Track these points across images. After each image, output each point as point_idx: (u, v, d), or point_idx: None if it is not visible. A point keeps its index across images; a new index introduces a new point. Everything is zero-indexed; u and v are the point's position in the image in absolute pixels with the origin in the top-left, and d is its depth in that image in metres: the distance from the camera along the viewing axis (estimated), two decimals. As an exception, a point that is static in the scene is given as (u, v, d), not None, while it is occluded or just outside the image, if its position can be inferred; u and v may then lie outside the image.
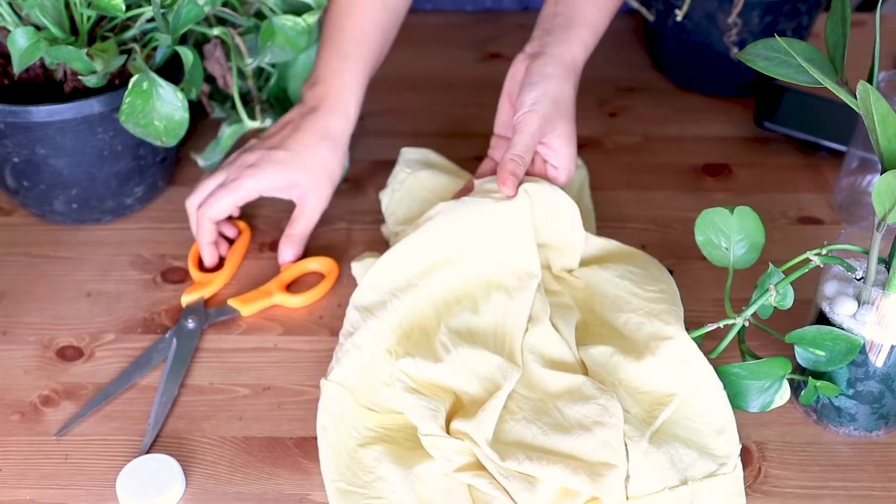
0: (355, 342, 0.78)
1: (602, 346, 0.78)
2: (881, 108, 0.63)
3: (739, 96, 1.15)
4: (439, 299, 0.81)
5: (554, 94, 0.85)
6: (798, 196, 1.00)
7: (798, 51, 0.70)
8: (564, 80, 0.87)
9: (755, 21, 1.07)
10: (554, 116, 0.85)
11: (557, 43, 0.88)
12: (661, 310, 0.78)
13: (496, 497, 0.69)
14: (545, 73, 0.86)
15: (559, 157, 0.86)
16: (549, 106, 0.85)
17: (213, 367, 0.82)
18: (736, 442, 0.73)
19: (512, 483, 0.68)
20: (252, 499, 0.71)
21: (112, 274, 0.91)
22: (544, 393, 0.76)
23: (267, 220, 0.97)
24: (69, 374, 0.81)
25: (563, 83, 0.86)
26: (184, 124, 0.84)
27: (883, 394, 0.73)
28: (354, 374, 0.77)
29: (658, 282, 0.82)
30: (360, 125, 1.09)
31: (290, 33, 0.88)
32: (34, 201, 0.93)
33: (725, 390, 0.74)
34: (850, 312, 0.71)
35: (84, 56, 0.80)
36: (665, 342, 0.75)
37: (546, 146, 0.86)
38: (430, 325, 0.80)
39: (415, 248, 0.82)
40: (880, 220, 0.66)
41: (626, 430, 0.71)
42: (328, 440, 0.73)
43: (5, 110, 0.84)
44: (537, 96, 0.85)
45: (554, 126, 0.85)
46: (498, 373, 0.75)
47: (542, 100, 0.84)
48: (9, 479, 0.73)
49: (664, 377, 0.75)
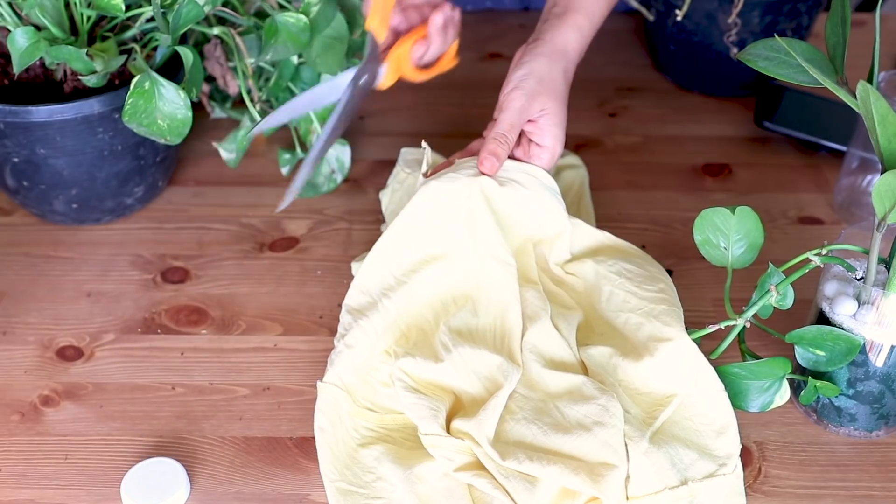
0: (347, 342, 0.78)
1: (602, 346, 0.78)
2: (881, 108, 0.63)
3: (739, 96, 1.15)
4: (435, 299, 0.81)
5: (540, 73, 0.85)
6: (798, 196, 1.00)
7: (798, 51, 0.70)
8: (553, 61, 0.86)
9: (755, 21, 1.07)
10: (540, 94, 0.84)
11: (551, 29, 0.88)
12: (661, 310, 0.78)
13: (496, 497, 0.69)
14: (534, 54, 0.86)
15: (544, 136, 0.85)
16: (535, 84, 0.84)
17: (213, 367, 0.82)
18: (736, 443, 0.73)
19: (512, 483, 0.68)
20: (252, 499, 0.71)
21: (112, 274, 0.91)
22: (545, 393, 0.76)
23: (267, 220, 0.97)
24: (69, 374, 0.81)
25: (551, 64, 0.86)
26: (188, 122, 0.84)
27: (883, 394, 0.73)
28: (350, 375, 0.77)
29: (656, 281, 0.82)
30: (359, 125, 1.10)
31: (293, 29, 0.89)
32: (34, 201, 0.93)
33: (726, 390, 0.74)
34: (850, 312, 0.71)
35: (84, 56, 0.80)
36: (665, 343, 0.75)
37: (533, 124, 0.85)
38: (429, 326, 0.80)
39: (398, 244, 0.82)
40: (880, 220, 0.66)
41: (626, 431, 0.71)
42: (326, 441, 0.73)
43: (5, 110, 0.84)
44: (523, 74, 0.84)
45: (541, 104, 0.84)
46: (499, 372, 0.75)
47: (527, 78, 0.84)
48: (9, 479, 0.73)
49: (664, 378, 0.75)
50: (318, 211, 0.98)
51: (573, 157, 1.02)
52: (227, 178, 1.02)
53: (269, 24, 0.88)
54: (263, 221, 0.97)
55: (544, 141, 0.85)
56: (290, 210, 0.97)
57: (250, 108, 0.96)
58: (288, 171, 1.02)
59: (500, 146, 0.82)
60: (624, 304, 0.80)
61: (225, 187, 1.01)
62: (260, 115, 0.99)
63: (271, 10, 0.91)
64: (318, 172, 1.01)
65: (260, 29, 0.94)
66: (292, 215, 0.98)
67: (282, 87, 0.99)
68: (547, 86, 0.85)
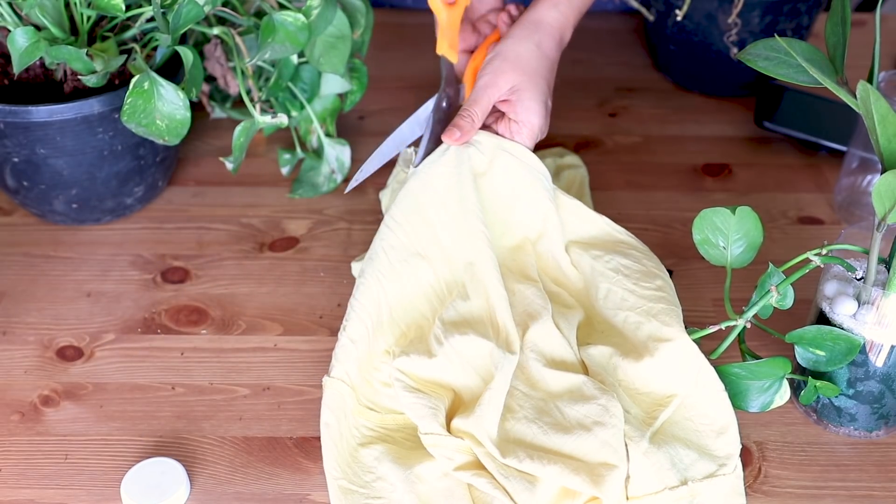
0: (350, 336, 0.78)
1: (602, 346, 0.78)
2: (881, 108, 0.63)
3: (739, 96, 1.15)
4: (431, 292, 0.81)
5: (507, 52, 0.86)
6: (798, 196, 1.00)
7: (798, 51, 0.70)
8: (522, 38, 0.87)
9: (755, 21, 1.07)
10: (504, 71, 0.85)
11: (528, 10, 0.89)
12: (659, 309, 0.78)
13: (496, 497, 0.69)
14: (505, 35, 0.88)
15: (518, 112, 0.86)
16: (499, 62, 0.85)
17: (213, 367, 0.82)
18: (736, 443, 0.73)
19: (512, 483, 0.68)
20: (252, 499, 0.71)
21: (112, 274, 0.91)
22: (545, 392, 0.76)
23: (267, 220, 0.97)
24: (69, 374, 0.81)
25: (520, 41, 0.87)
26: (186, 123, 0.84)
27: (883, 394, 0.73)
28: (354, 371, 0.77)
29: (654, 277, 0.81)
30: (359, 125, 1.10)
31: (291, 29, 0.88)
32: (34, 201, 0.93)
33: (726, 390, 0.74)
34: (850, 312, 0.71)
35: (84, 56, 0.80)
36: (665, 343, 0.75)
37: (507, 103, 0.86)
38: (426, 322, 0.80)
39: (390, 238, 0.82)
40: (880, 220, 0.66)
41: (626, 431, 0.71)
42: (331, 437, 0.73)
43: (5, 110, 0.84)
44: (491, 56, 0.86)
45: (509, 81, 0.85)
46: (490, 361, 0.75)
47: (493, 58, 0.86)
48: (9, 479, 0.73)
49: (664, 378, 0.75)
50: (317, 211, 0.98)
51: (573, 157, 1.02)
52: (227, 178, 1.02)
53: (266, 23, 0.88)
54: (263, 221, 0.97)
55: (520, 117, 0.86)
56: (290, 210, 0.97)
57: (250, 108, 0.96)
58: (288, 171, 1.02)
59: (463, 119, 0.83)
60: (622, 303, 0.80)
61: (225, 187, 1.01)
62: (260, 116, 0.99)
63: (269, 10, 0.91)
64: (317, 172, 1.01)
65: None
66: (292, 215, 0.98)
67: (281, 87, 0.99)
68: (512, 62, 0.86)
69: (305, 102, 1.01)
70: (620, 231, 0.86)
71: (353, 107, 1.04)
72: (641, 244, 0.86)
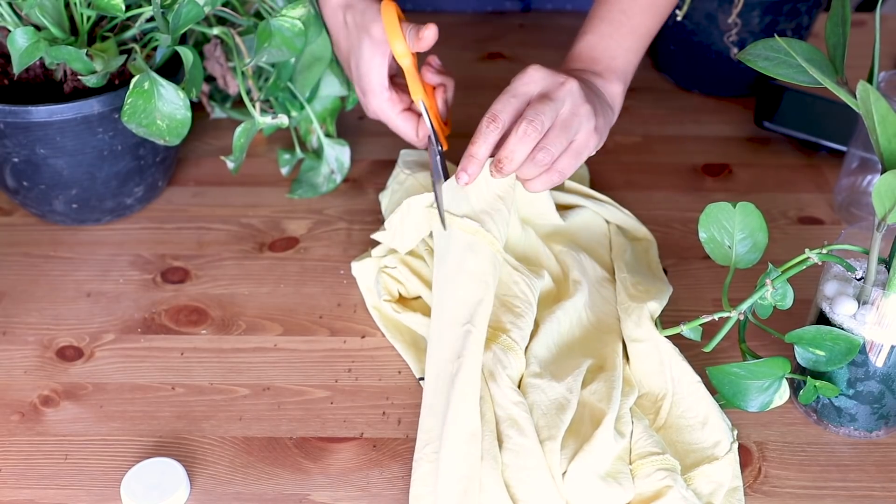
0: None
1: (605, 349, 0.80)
2: (881, 108, 0.63)
3: (739, 96, 1.15)
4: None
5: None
6: (798, 196, 1.00)
7: (798, 51, 0.70)
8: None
9: (755, 21, 1.07)
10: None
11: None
12: (633, 308, 0.80)
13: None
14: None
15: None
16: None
17: (213, 367, 0.82)
18: (722, 429, 0.73)
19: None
20: (252, 499, 0.71)
21: (112, 274, 0.91)
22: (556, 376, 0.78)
23: (267, 220, 0.97)
24: (69, 374, 0.81)
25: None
26: (186, 123, 0.84)
27: (883, 394, 0.73)
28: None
29: (635, 273, 0.84)
30: (359, 125, 1.10)
31: (287, 34, 0.88)
32: (34, 201, 0.93)
33: (725, 390, 0.74)
34: (850, 312, 0.71)
35: (84, 56, 0.80)
36: (637, 344, 0.77)
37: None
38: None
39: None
40: (880, 220, 0.66)
41: (631, 409, 0.74)
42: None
43: (5, 110, 0.84)
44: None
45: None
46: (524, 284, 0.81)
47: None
48: (9, 479, 0.73)
49: (649, 380, 0.77)
50: (317, 211, 0.98)
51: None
52: (227, 179, 1.02)
53: (262, 28, 0.87)
54: (263, 221, 0.97)
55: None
56: (290, 210, 0.97)
57: (250, 109, 0.96)
58: (288, 171, 1.02)
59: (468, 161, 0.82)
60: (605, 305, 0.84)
61: (225, 187, 1.01)
62: (260, 116, 0.99)
63: (266, 14, 0.91)
64: (317, 172, 1.01)
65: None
66: (292, 215, 0.98)
67: (280, 87, 0.99)
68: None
69: (305, 103, 1.01)
70: (626, 228, 0.88)
71: (354, 107, 1.04)
72: (651, 256, 0.89)
